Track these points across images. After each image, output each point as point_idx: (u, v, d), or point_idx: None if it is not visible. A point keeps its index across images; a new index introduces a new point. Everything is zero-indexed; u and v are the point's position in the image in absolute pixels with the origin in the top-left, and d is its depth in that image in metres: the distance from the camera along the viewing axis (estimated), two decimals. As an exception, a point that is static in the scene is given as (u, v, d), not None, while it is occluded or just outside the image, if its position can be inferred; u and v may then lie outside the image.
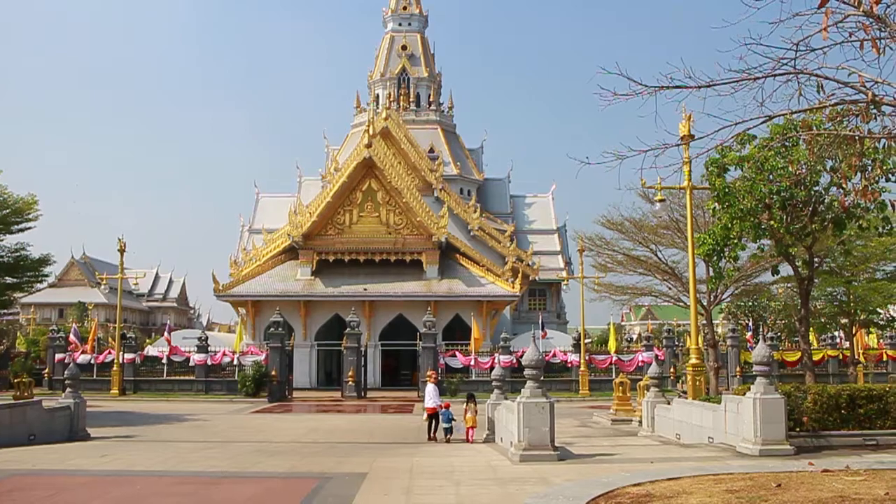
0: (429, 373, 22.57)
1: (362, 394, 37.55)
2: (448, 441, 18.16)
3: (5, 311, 43.69)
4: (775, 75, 7.31)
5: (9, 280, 34.81)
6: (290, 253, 46.28)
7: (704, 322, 28.38)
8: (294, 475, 12.37)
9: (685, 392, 21.23)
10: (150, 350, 42.39)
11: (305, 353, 43.31)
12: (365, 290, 43.40)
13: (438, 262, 44.60)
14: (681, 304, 33.29)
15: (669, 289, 34.78)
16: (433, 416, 18.82)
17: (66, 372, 20.68)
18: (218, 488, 11.16)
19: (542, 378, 13.72)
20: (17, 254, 34.28)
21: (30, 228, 34.60)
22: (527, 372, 13.66)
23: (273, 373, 36.08)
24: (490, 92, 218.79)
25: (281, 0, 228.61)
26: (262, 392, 36.10)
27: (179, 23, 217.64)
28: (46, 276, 38.27)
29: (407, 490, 10.64)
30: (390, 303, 44.04)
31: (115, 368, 37.93)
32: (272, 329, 38.17)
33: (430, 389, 19.25)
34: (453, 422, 18.52)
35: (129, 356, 39.24)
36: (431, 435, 18.82)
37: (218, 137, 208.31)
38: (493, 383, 19.26)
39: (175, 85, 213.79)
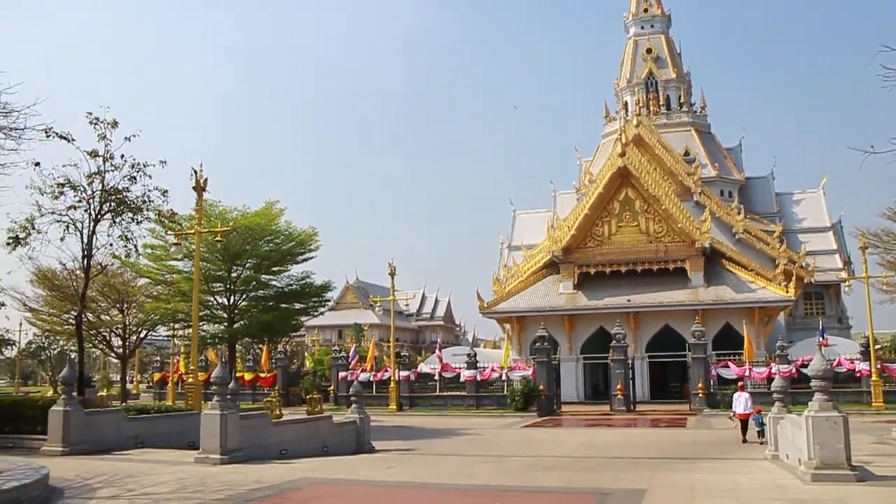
0: (739, 384, 25.03)
1: (631, 407, 36.81)
2: (762, 443, 19.51)
3: (294, 333, 47.76)
4: None
5: (297, 305, 38.30)
6: (551, 268, 46.62)
7: None
8: (572, 490, 12.30)
9: None
10: (423, 367, 44.32)
11: (571, 366, 43.32)
12: (629, 301, 42.65)
13: (703, 268, 42.84)
14: None
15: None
16: (744, 421, 21.76)
17: (350, 389, 22.14)
18: (500, 501, 11.34)
19: (831, 389, 12.64)
20: (303, 281, 37.72)
21: (312, 258, 37.86)
22: (814, 383, 12.63)
23: (541, 387, 36.40)
24: (742, 86, 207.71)
25: (520, 18, 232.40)
26: (531, 406, 36.47)
27: (423, 47, 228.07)
28: (328, 300, 41.59)
29: (691, 508, 10.22)
30: (655, 313, 42.89)
31: (391, 385, 40.13)
32: (538, 344, 38.52)
33: (741, 397, 22.17)
34: (764, 426, 19.48)
35: (404, 373, 41.32)
36: (744, 438, 21.57)
37: (473, 158, 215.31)
38: (774, 395, 18.07)
39: (428, 108, 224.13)
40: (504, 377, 39.24)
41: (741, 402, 22.15)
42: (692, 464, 15.84)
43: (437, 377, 41.63)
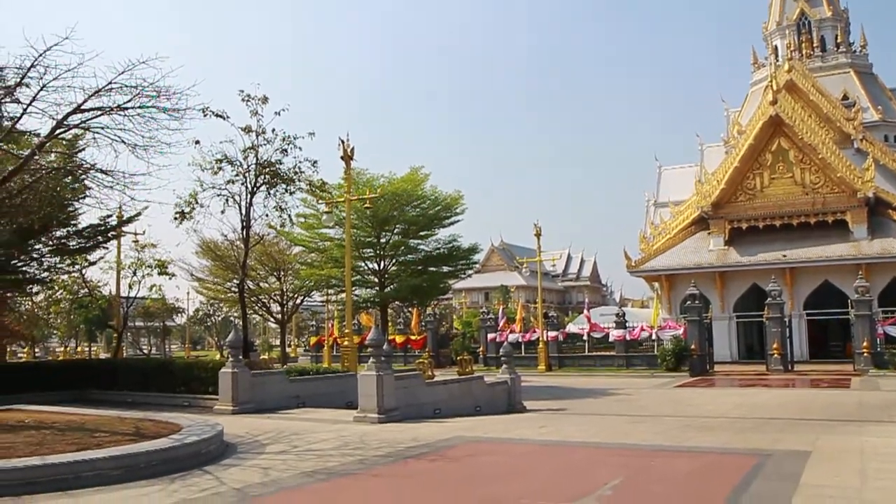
0: None
1: (789, 367, 35.44)
2: None
3: (442, 296, 48.71)
4: None
5: (445, 269, 39.06)
6: (700, 224, 45.26)
7: None
8: (729, 451, 12.05)
9: None
10: (571, 327, 44.22)
11: (724, 325, 42.11)
12: (784, 256, 40.87)
13: (867, 220, 40.39)
14: None
15: None
16: None
17: (500, 350, 22.44)
18: (654, 461, 11.28)
19: None
20: (451, 245, 38.37)
21: (458, 221, 38.37)
22: None
23: (692, 347, 35.62)
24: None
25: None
26: (683, 366, 35.79)
27: (568, 7, 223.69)
28: (475, 263, 42.14)
29: (860, 472, 9.79)
30: (814, 268, 40.88)
31: (540, 346, 40.31)
32: (688, 302, 37.62)
33: None
34: None
35: (552, 334, 41.40)
36: None
37: (614, 114, 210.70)
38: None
39: (570, 62, 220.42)
40: (654, 337, 38.64)
41: None
42: (860, 426, 15.15)
43: (585, 337, 41.50)
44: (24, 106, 14.04)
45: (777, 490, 8.76)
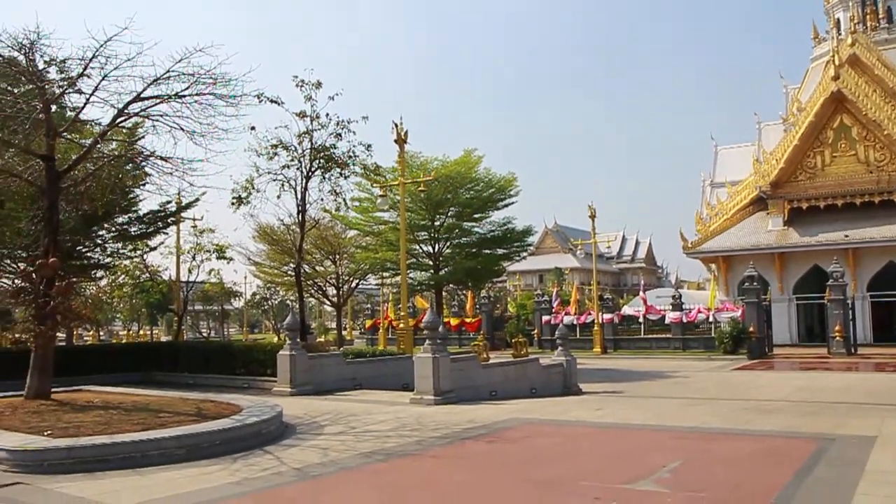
0: None
1: (852, 350, 34.65)
2: None
3: (496, 279, 48.67)
4: None
5: (499, 251, 39.02)
6: (758, 204, 44.45)
7: None
8: (791, 435, 11.85)
9: None
10: (626, 309, 43.86)
11: (783, 307, 41.36)
12: (846, 236, 39.93)
13: (935, 198, 39.22)
14: None
15: None
16: None
17: (556, 332, 22.33)
18: (715, 444, 11.15)
19: None
20: (505, 227, 38.31)
21: (512, 203, 38.27)
22: None
23: (751, 329, 35.04)
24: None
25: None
26: (741, 349, 35.24)
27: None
28: (529, 245, 42.03)
29: (928, 457, 9.56)
30: (878, 249, 39.86)
31: (595, 328, 40.07)
32: (746, 284, 36.96)
33: None
34: None
35: (607, 316, 41.11)
36: None
37: (669, 93, 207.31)
38: None
39: (626, 39, 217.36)
40: (711, 319, 38.11)
41: None
42: (928, 410, 14.79)
43: (640, 320, 41.12)
44: (87, 96, 14.39)
45: (841, 475, 8.60)
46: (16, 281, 18.88)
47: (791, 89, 57.59)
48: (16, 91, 15.09)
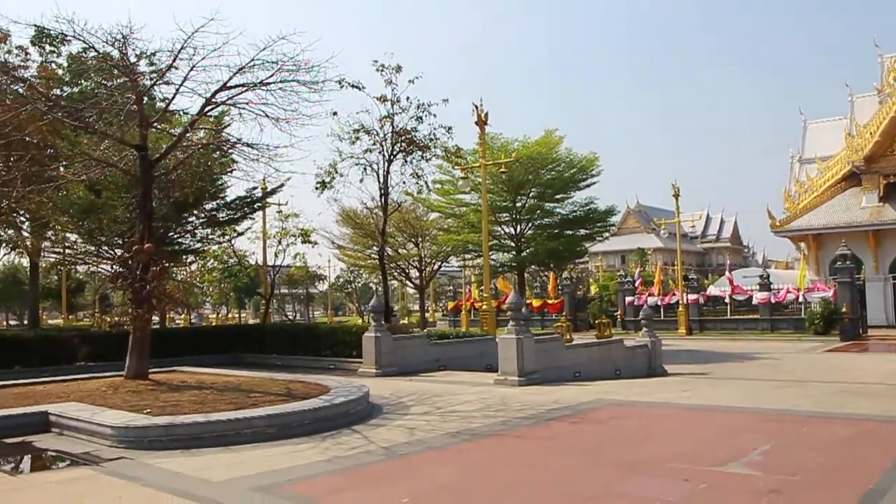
0: None
1: (953, 330, 33.27)
2: None
3: (578, 260, 48.29)
4: None
5: (581, 232, 38.69)
6: (851, 180, 42.90)
7: None
8: (890, 419, 11.45)
9: None
10: (712, 290, 43.00)
11: (878, 287, 39.90)
12: (946, 212, 38.24)
13: None
14: None
15: None
16: None
17: (640, 313, 22.11)
18: (807, 427, 10.87)
19: None
20: (587, 207, 37.93)
21: (594, 184, 37.86)
22: None
23: (843, 309, 33.92)
24: None
25: None
26: (833, 330, 34.19)
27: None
28: (612, 225, 41.54)
29: None
30: (982, 225, 38.08)
31: (680, 309, 39.43)
32: (838, 263, 35.78)
33: None
34: None
35: (692, 297, 40.39)
36: None
37: (755, 66, 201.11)
38: None
39: (711, 11, 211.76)
40: (801, 299, 37.06)
41: None
42: None
43: (727, 300, 40.28)
44: (177, 87, 14.84)
45: (944, 461, 8.29)
46: (114, 266, 19.67)
47: (887, 58, 55.09)
48: (110, 84, 15.67)
